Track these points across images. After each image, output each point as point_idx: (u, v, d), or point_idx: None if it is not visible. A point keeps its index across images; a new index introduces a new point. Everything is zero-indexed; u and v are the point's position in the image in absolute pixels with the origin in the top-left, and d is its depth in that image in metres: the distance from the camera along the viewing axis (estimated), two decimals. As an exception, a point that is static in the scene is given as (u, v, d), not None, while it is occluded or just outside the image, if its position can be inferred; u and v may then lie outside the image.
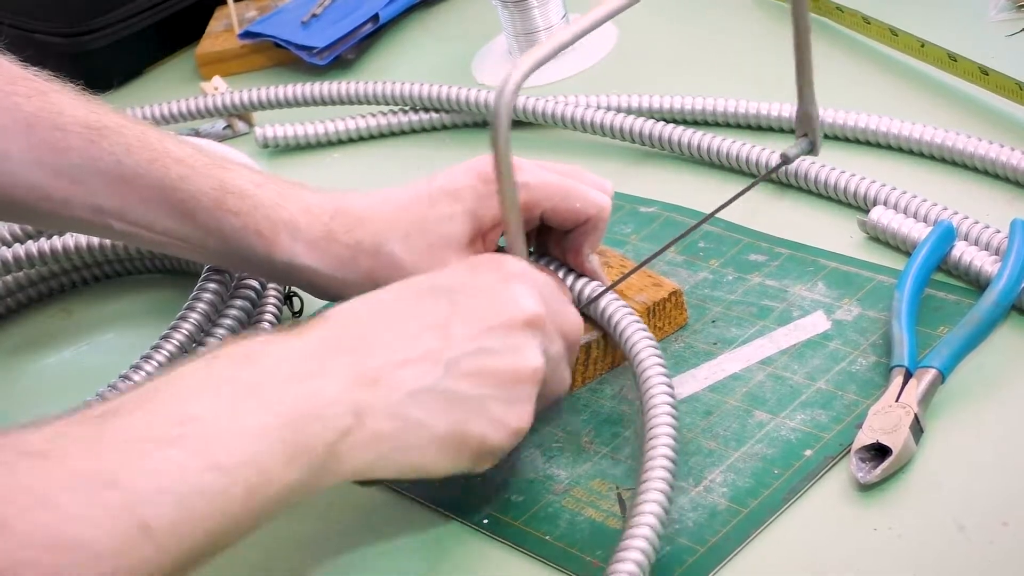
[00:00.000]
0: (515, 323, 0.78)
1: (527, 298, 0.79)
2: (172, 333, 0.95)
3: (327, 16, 1.39)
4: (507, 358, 0.77)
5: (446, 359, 0.76)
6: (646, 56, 1.25)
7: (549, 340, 0.80)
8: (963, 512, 0.76)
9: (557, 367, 0.81)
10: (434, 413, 0.75)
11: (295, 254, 0.90)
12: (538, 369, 0.78)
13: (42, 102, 0.91)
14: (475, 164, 0.90)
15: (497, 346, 0.77)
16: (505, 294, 0.79)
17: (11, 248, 1.11)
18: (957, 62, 1.06)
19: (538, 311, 0.79)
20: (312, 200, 0.91)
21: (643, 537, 0.74)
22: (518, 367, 0.77)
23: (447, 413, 0.76)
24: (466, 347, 0.76)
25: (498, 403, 0.77)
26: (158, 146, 0.91)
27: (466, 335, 0.77)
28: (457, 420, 0.76)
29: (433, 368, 0.76)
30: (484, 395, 0.76)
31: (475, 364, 0.76)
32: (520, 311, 0.78)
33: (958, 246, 0.90)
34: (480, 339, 0.77)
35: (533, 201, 0.89)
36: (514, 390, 0.77)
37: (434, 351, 0.76)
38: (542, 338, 0.79)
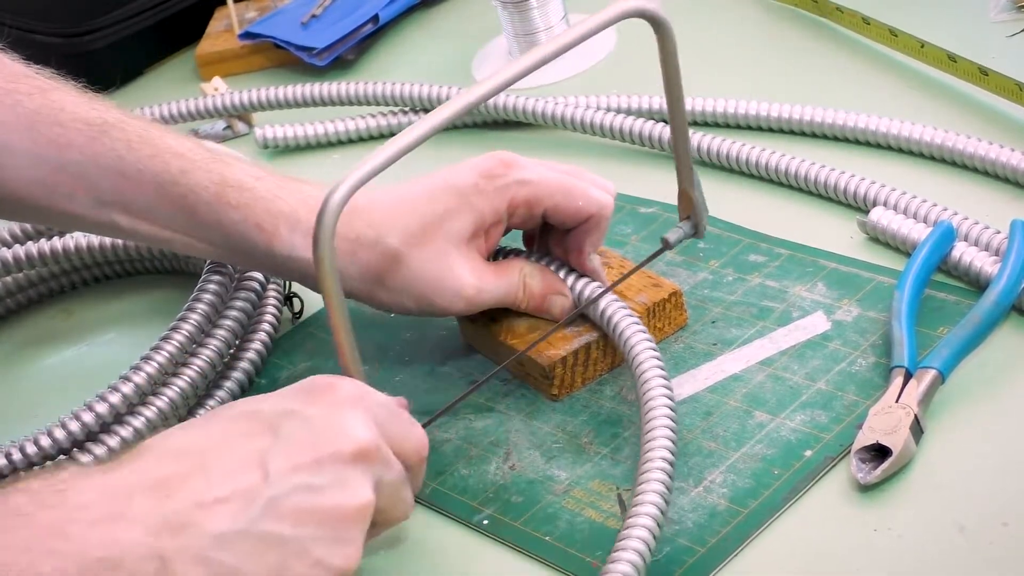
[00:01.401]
0: (342, 455, 0.72)
1: (357, 427, 0.74)
2: (172, 334, 0.95)
3: (327, 17, 1.39)
4: (332, 495, 0.72)
5: (261, 498, 0.70)
6: (646, 57, 1.24)
7: (384, 468, 0.75)
8: (963, 513, 0.76)
9: (395, 493, 0.76)
10: (246, 557, 0.70)
11: (295, 247, 0.90)
12: (366, 506, 0.73)
13: (43, 99, 0.91)
14: (478, 161, 0.90)
15: (321, 482, 0.71)
16: (332, 424, 0.73)
17: (11, 249, 1.11)
18: (957, 63, 1.06)
19: (368, 440, 0.73)
20: (312, 193, 0.91)
21: (638, 538, 0.74)
22: (344, 504, 0.72)
23: (261, 557, 0.70)
24: (285, 484, 0.71)
25: (321, 544, 0.71)
26: (159, 142, 0.91)
27: (285, 470, 0.71)
28: (274, 564, 0.70)
29: (246, 508, 0.70)
30: (305, 536, 0.71)
31: (295, 503, 0.71)
32: (348, 443, 0.73)
33: (958, 247, 0.90)
34: (302, 475, 0.71)
35: (535, 198, 0.89)
36: (339, 529, 0.72)
37: (248, 489, 0.70)
38: (375, 468, 0.74)
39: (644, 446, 0.79)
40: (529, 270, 0.92)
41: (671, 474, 0.78)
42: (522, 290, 0.91)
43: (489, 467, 0.87)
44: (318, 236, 0.75)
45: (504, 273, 0.91)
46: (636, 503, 0.76)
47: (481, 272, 0.90)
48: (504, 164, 0.89)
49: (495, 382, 0.92)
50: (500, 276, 0.91)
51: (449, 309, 0.91)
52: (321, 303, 1.02)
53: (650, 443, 0.79)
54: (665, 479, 0.77)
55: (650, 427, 0.80)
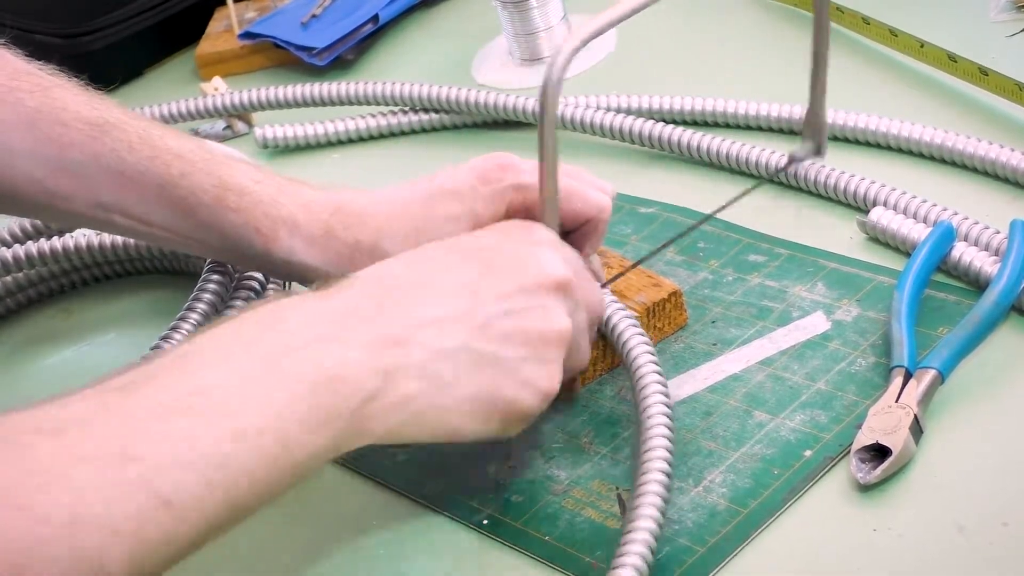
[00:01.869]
0: (544, 285, 0.78)
1: (556, 263, 0.79)
2: (172, 334, 0.95)
3: (327, 17, 1.39)
4: (537, 319, 0.77)
5: (475, 319, 0.75)
6: (646, 57, 1.25)
7: (575, 307, 0.80)
8: (963, 513, 0.76)
9: (580, 336, 0.81)
10: (464, 373, 0.74)
11: (294, 251, 0.90)
12: (566, 331, 0.78)
13: (45, 97, 0.91)
14: (477, 164, 0.90)
15: (527, 307, 0.77)
16: (535, 257, 0.79)
17: (11, 248, 1.11)
18: (957, 63, 1.06)
19: (566, 276, 0.79)
20: (312, 197, 0.91)
21: (640, 541, 0.74)
22: (547, 328, 0.77)
23: (477, 373, 0.75)
24: (496, 307, 0.76)
25: (528, 364, 0.76)
26: (159, 143, 0.92)
27: (496, 295, 0.76)
28: (487, 381, 0.75)
29: (462, 328, 0.75)
30: (514, 356, 0.76)
31: (505, 325, 0.76)
32: (549, 274, 0.78)
33: (958, 246, 0.90)
34: (510, 300, 0.76)
35: (533, 201, 0.89)
36: (543, 351, 0.77)
37: (463, 311, 0.75)
38: (569, 303, 0.79)
39: (641, 448, 0.79)
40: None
41: (670, 475, 0.78)
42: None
43: (489, 467, 0.87)
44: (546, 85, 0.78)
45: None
46: (635, 508, 0.76)
47: None
48: (502, 168, 0.89)
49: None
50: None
51: None
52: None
53: (648, 444, 0.79)
54: (664, 480, 0.77)
55: (647, 429, 0.80)
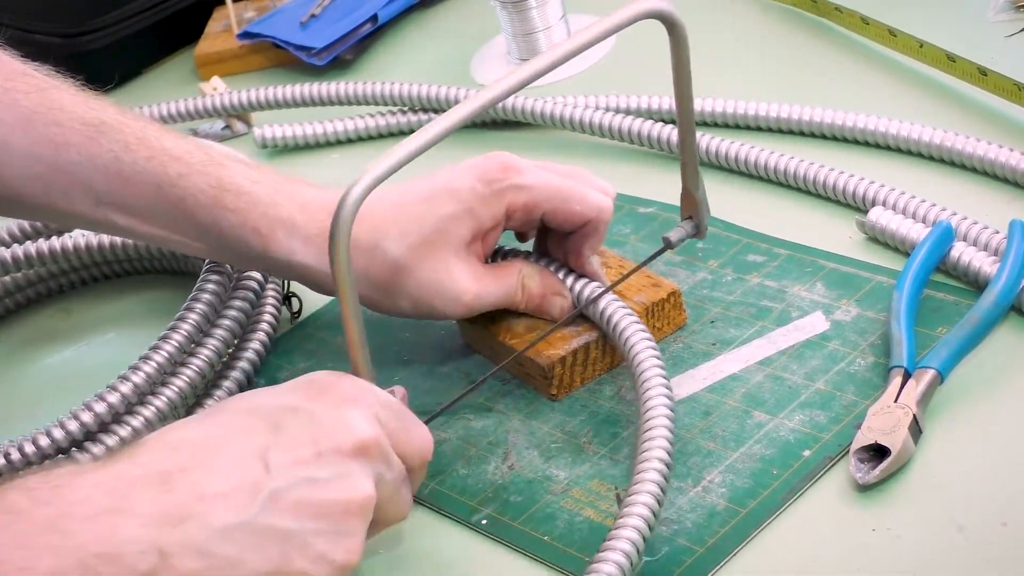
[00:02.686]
0: (343, 450, 0.73)
1: (359, 422, 0.74)
2: (171, 334, 0.95)
3: (326, 16, 1.39)
4: (333, 488, 0.72)
5: (264, 491, 0.70)
6: (645, 57, 1.25)
7: (385, 465, 0.75)
8: (962, 512, 0.76)
9: (395, 493, 0.76)
10: (248, 551, 0.69)
11: (292, 251, 0.90)
12: (367, 499, 0.73)
13: (41, 98, 0.91)
14: (476, 164, 0.90)
15: (323, 475, 0.72)
16: (334, 419, 0.74)
17: (10, 248, 1.11)
18: (956, 63, 1.06)
19: (370, 436, 0.74)
20: (310, 196, 0.91)
21: (626, 538, 0.74)
22: (345, 498, 0.72)
23: (263, 550, 0.70)
24: (287, 477, 0.71)
25: (323, 538, 0.71)
26: (156, 143, 0.91)
27: (287, 463, 0.71)
28: (275, 558, 0.70)
29: (248, 501, 0.70)
30: (307, 529, 0.71)
31: (297, 495, 0.71)
32: (349, 437, 0.73)
33: (957, 247, 0.90)
34: (303, 468, 0.71)
35: (533, 202, 0.89)
36: (340, 523, 0.72)
37: (250, 482, 0.70)
38: (376, 465, 0.74)
39: (640, 445, 0.79)
40: (528, 271, 0.92)
41: (667, 475, 0.78)
42: (520, 292, 0.91)
43: (488, 467, 0.87)
44: (334, 231, 0.75)
45: (502, 276, 0.91)
46: (629, 502, 0.76)
47: (479, 277, 0.90)
48: (502, 168, 0.89)
49: (494, 382, 0.92)
50: (498, 279, 0.91)
51: (447, 314, 0.91)
52: (319, 303, 1.03)
53: (647, 442, 0.79)
54: (660, 479, 0.77)
55: (648, 426, 0.80)
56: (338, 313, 1.02)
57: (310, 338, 1.02)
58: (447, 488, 0.86)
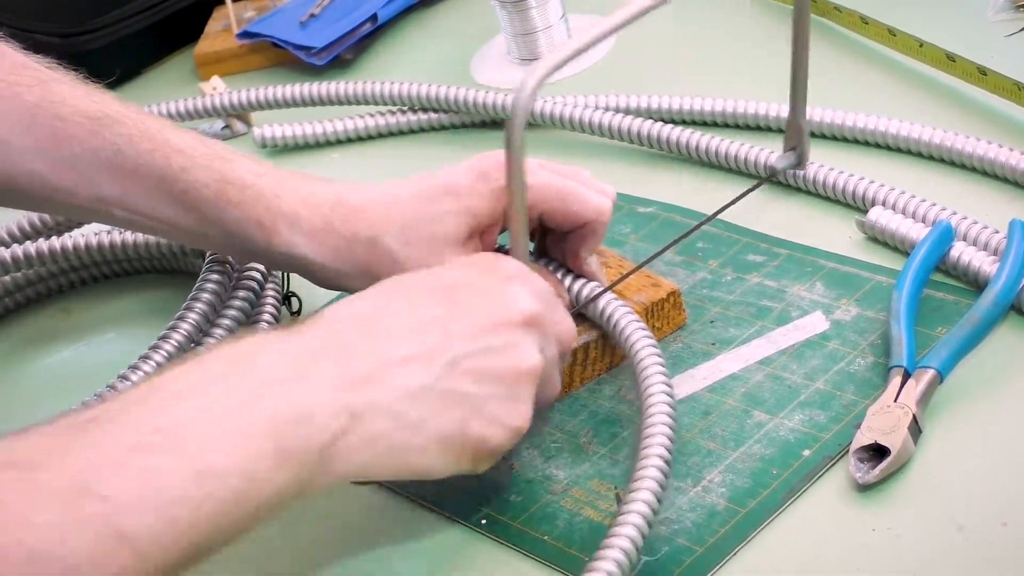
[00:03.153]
0: (514, 321, 0.77)
1: (526, 298, 0.78)
2: (171, 333, 0.95)
3: (325, 16, 1.39)
4: (506, 356, 0.76)
5: (444, 357, 0.75)
6: (645, 57, 1.25)
7: (545, 342, 0.79)
8: (962, 512, 0.76)
9: (551, 370, 0.80)
10: (432, 412, 0.74)
11: (294, 244, 0.90)
12: (536, 367, 0.77)
13: (44, 91, 0.92)
14: (476, 163, 0.90)
15: (496, 344, 0.76)
16: (504, 293, 0.78)
17: (10, 248, 1.11)
18: (955, 62, 1.06)
19: (536, 311, 0.78)
20: (312, 190, 0.91)
21: (625, 536, 0.74)
22: (517, 365, 0.76)
23: (446, 412, 0.74)
24: (465, 345, 0.75)
25: (497, 402, 0.76)
26: (158, 136, 0.92)
27: (465, 333, 0.76)
28: (456, 419, 0.74)
29: (431, 366, 0.74)
30: (483, 393, 0.75)
31: (474, 362, 0.75)
32: (519, 310, 0.77)
33: (956, 246, 0.90)
34: (479, 337, 0.76)
35: (531, 202, 0.89)
36: (513, 388, 0.76)
37: (432, 349, 0.75)
38: (539, 338, 0.78)
39: (641, 443, 0.79)
40: (526, 270, 0.92)
41: (667, 472, 0.77)
42: (520, 291, 0.91)
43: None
44: (513, 113, 0.77)
45: (501, 274, 0.91)
46: (628, 500, 0.76)
47: None
48: (500, 166, 0.89)
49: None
50: (497, 277, 0.91)
51: None
52: (319, 303, 1.02)
53: (647, 440, 0.79)
54: (660, 477, 0.77)
55: (648, 424, 0.80)
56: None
57: (310, 338, 1.02)
58: (447, 488, 0.86)
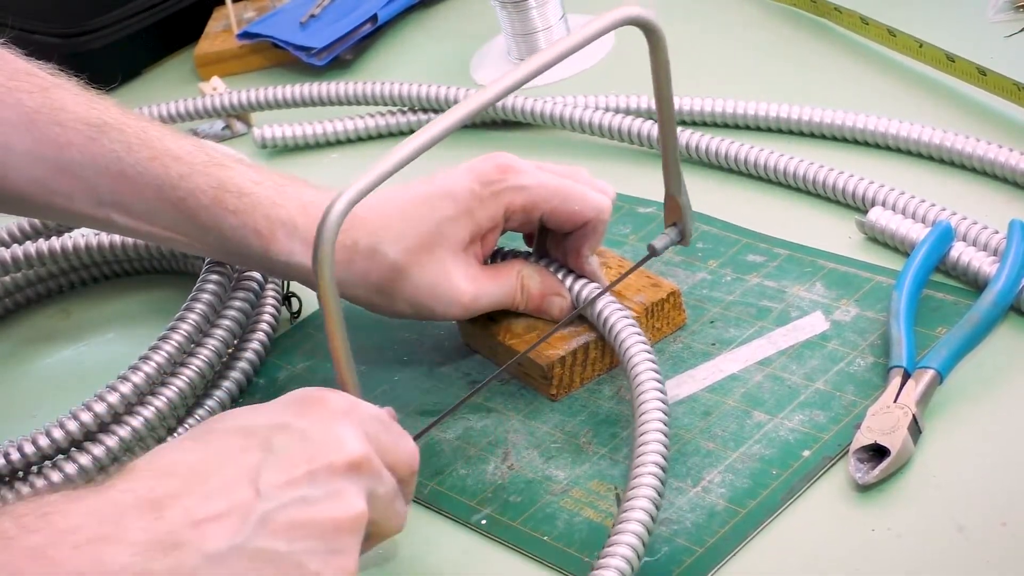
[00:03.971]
0: (335, 468, 0.71)
1: (349, 439, 0.73)
2: (171, 334, 0.95)
3: (325, 16, 1.39)
4: (326, 507, 0.70)
5: (255, 513, 0.69)
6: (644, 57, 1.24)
7: (376, 481, 0.73)
8: (962, 512, 0.76)
9: (388, 506, 0.75)
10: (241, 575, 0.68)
11: (292, 253, 0.90)
12: (359, 516, 0.71)
13: (44, 98, 0.92)
14: (474, 166, 0.90)
15: (314, 495, 0.70)
16: (324, 436, 0.72)
17: (10, 248, 1.11)
18: (955, 63, 1.06)
19: (360, 452, 0.72)
20: (310, 198, 0.91)
21: (626, 544, 0.74)
22: (338, 516, 0.71)
23: (256, 574, 0.69)
24: (279, 498, 0.70)
25: (316, 557, 0.70)
26: (158, 144, 0.92)
27: (278, 484, 0.70)
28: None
29: (240, 524, 0.68)
30: (300, 550, 0.69)
31: (289, 516, 0.69)
32: (340, 455, 0.72)
33: (956, 247, 0.90)
34: (294, 488, 0.70)
35: (531, 203, 0.89)
36: (334, 541, 0.70)
37: (242, 505, 0.69)
38: (367, 481, 0.73)
39: (636, 449, 0.79)
40: (527, 271, 0.92)
41: (663, 478, 0.78)
42: (520, 292, 0.91)
43: (487, 467, 0.87)
44: (318, 247, 0.74)
45: (501, 277, 0.91)
46: (627, 506, 0.76)
47: (478, 278, 0.90)
48: (501, 169, 0.89)
49: (493, 382, 0.92)
50: (497, 280, 0.91)
51: (446, 315, 0.91)
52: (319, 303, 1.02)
53: (642, 446, 0.79)
54: (656, 483, 0.77)
55: (642, 430, 0.80)
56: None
57: (309, 338, 1.02)
58: (447, 488, 0.86)
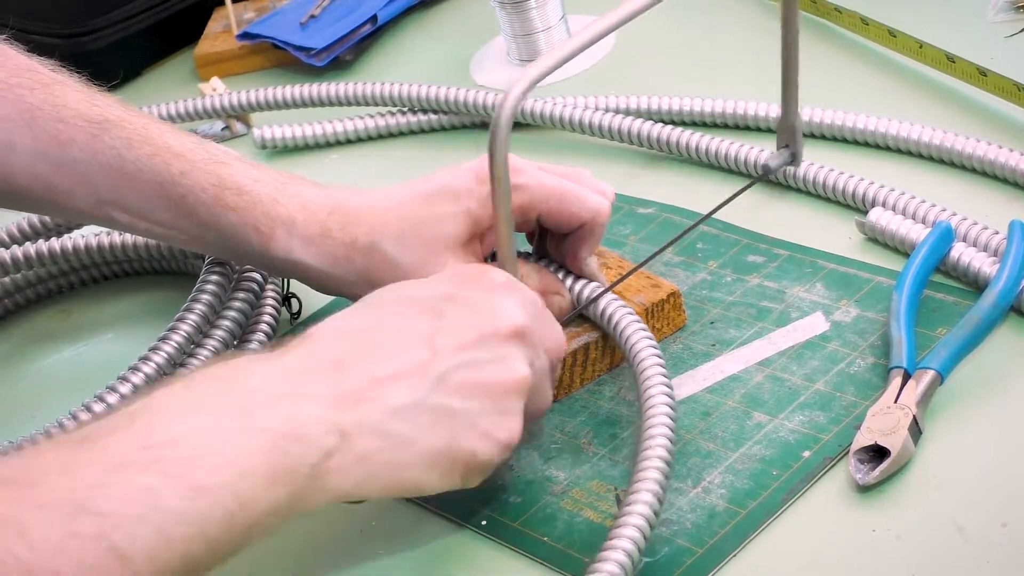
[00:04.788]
0: (501, 334, 0.76)
1: (513, 310, 0.77)
2: (170, 334, 0.95)
3: (325, 17, 1.39)
4: (494, 369, 0.75)
5: (432, 373, 0.74)
6: (644, 57, 1.25)
7: (535, 353, 0.78)
8: (962, 513, 0.76)
9: (541, 382, 0.80)
10: (422, 429, 0.73)
11: (292, 250, 0.90)
12: (525, 380, 0.76)
13: (46, 94, 0.92)
14: (474, 165, 0.90)
15: (484, 357, 0.75)
16: (491, 305, 0.77)
17: (10, 249, 1.11)
18: (955, 63, 1.06)
19: (524, 323, 0.77)
20: (310, 196, 0.91)
21: (628, 538, 0.74)
22: (506, 378, 0.76)
23: (435, 428, 0.74)
24: (452, 359, 0.75)
25: (487, 416, 0.75)
26: (159, 141, 0.92)
27: (452, 347, 0.75)
28: (446, 435, 0.74)
29: (419, 382, 0.74)
30: (472, 408, 0.75)
31: (462, 376, 0.75)
32: (506, 322, 0.77)
33: (956, 247, 0.90)
34: (466, 351, 0.75)
35: (529, 203, 0.89)
36: (502, 402, 0.76)
37: (419, 365, 0.74)
38: (528, 350, 0.77)
39: (641, 444, 0.79)
40: (527, 271, 0.91)
41: (668, 474, 0.77)
42: (520, 291, 0.91)
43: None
44: (497, 122, 0.78)
45: (501, 274, 0.91)
46: (630, 502, 0.76)
47: None
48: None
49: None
50: (497, 278, 0.91)
51: None
52: (318, 304, 1.02)
53: (648, 442, 0.79)
54: (661, 478, 0.77)
55: (648, 425, 0.80)
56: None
57: (310, 339, 1.02)
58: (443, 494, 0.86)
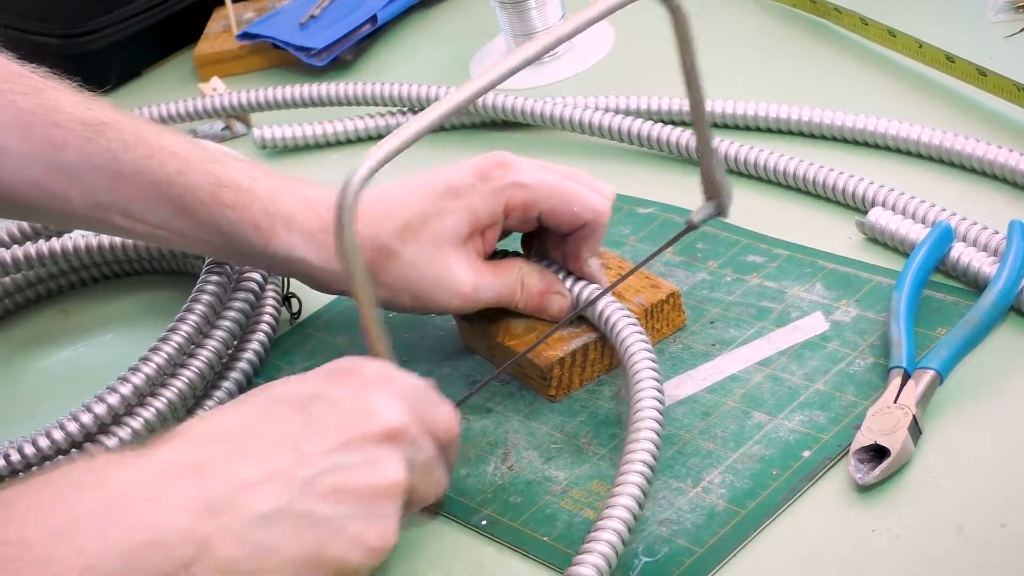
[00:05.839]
0: (370, 436, 0.73)
1: (387, 408, 0.75)
2: (171, 334, 0.95)
3: (325, 17, 1.39)
4: (364, 473, 0.73)
5: (298, 478, 0.71)
6: (644, 57, 1.25)
7: (415, 448, 0.75)
8: (961, 513, 0.76)
9: (428, 474, 0.77)
10: (286, 537, 0.71)
11: (292, 246, 0.90)
12: (399, 481, 0.73)
13: (39, 99, 0.92)
14: (476, 162, 0.90)
15: (353, 461, 0.73)
16: (360, 406, 0.75)
17: (9, 249, 1.11)
18: (955, 63, 1.06)
19: (399, 421, 0.74)
20: (309, 193, 0.91)
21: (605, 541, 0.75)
22: (377, 482, 0.73)
23: (300, 536, 0.71)
24: (319, 464, 0.72)
25: (357, 521, 0.72)
26: (154, 142, 0.92)
27: (319, 451, 0.72)
28: (312, 543, 0.71)
29: (284, 488, 0.71)
30: (341, 514, 0.72)
31: (330, 482, 0.72)
32: (376, 424, 0.74)
33: (956, 247, 0.90)
34: (334, 455, 0.72)
35: (531, 202, 0.89)
36: (374, 506, 0.73)
37: (285, 470, 0.71)
38: (405, 448, 0.75)
39: (627, 445, 0.80)
40: (527, 269, 0.92)
41: (649, 479, 0.78)
42: (520, 289, 0.91)
43: (487, 468, 0.87)
44: (340, 219, 0.75)
45: (502, 272, 0.91)
46: (609, 504, 0.76)
47: (478, 270, 0.90)
48: (501, 165, 0.89)
49: (493, 383, 0.92)
50: (498, 274, 0.91)
51: (447, 306, 0.91)
52: (318, 304, 1.03)
53: (632, 445, 0.79)
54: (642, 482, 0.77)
55: (635, 427, 0.80)
56: (337, 313, 1.03)
57: (310, 338, 1.02)
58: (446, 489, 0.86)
